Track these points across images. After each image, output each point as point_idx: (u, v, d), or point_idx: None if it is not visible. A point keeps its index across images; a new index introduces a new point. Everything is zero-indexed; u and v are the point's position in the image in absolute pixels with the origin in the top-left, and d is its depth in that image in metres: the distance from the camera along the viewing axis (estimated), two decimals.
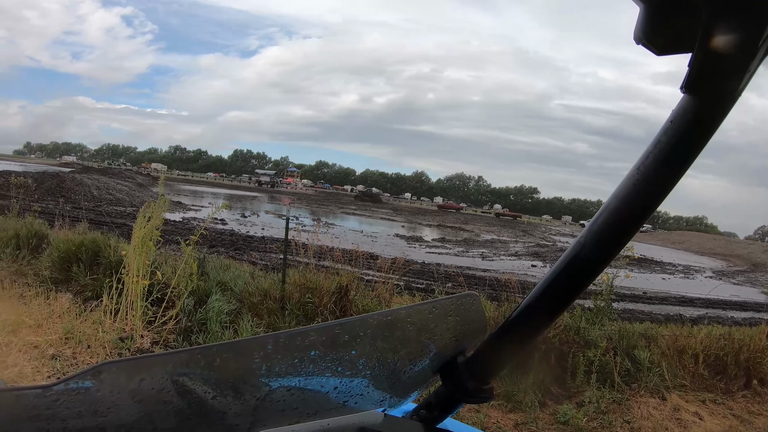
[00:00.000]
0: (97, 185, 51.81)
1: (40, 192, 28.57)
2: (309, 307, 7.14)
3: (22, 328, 6.11)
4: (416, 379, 1.12)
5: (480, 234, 54.85)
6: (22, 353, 5.53)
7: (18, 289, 7.60)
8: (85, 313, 6.80)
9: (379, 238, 32.87)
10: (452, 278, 14.75)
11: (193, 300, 7.00)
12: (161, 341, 6.38)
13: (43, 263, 8.59)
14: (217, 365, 0.84)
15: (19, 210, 12.16)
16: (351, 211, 72.74)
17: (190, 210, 39.62)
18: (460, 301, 1.10)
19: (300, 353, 0.92)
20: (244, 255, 17.32)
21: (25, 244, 9.43)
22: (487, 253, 34.11)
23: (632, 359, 6.64)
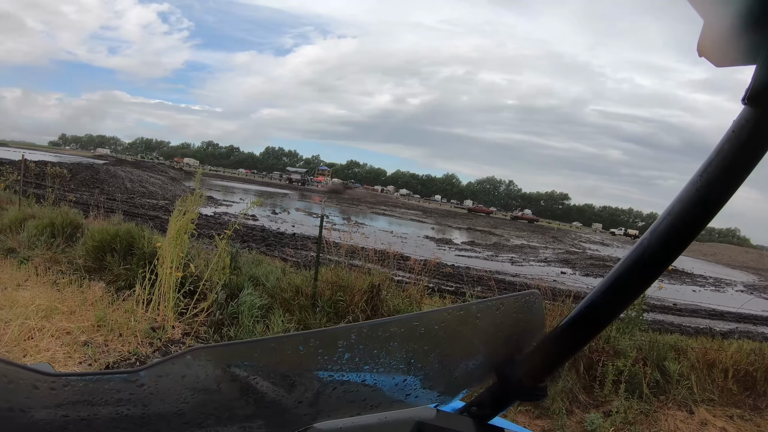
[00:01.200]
0: (131, 178, 52.76)
1: (75, 182, 29.18)
2: (340, 305, 7.16)
3: (56, 314, 6.25)
4: (471, 375, 1.14)
5: (509, 239, 54.63)
6: (55, 338, 5.65)
7: (52, 276, 7.77)
8: (117, 302, 6.93)
9: (409, 239, 32.83)
10: (482, 282, 14.67)
11: (226, 293, 7.06)
12: (192, 333, 6.46)
13: (77, 252, 8.77)
14: (302, 353, 0.88)
15: (55, 199, 12.43)
16: (381, 211, 72.91)
17: (222, 205, 40.05)
18: (524, 299, 1.11)
19: (379, 344, 0.96)
20: (275, 251, 17.45)
21: (60, 232, 9.64)
22: (516, 258, 33.92)
23: (661, 371, 6.54)
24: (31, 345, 5.42)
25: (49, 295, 6.89)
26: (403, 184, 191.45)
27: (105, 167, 60.46)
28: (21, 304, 6.39)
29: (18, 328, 5.67)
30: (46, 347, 5.40)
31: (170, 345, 6.09)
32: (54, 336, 5.68)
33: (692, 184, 0.82)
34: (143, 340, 6.05)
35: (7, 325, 5.78)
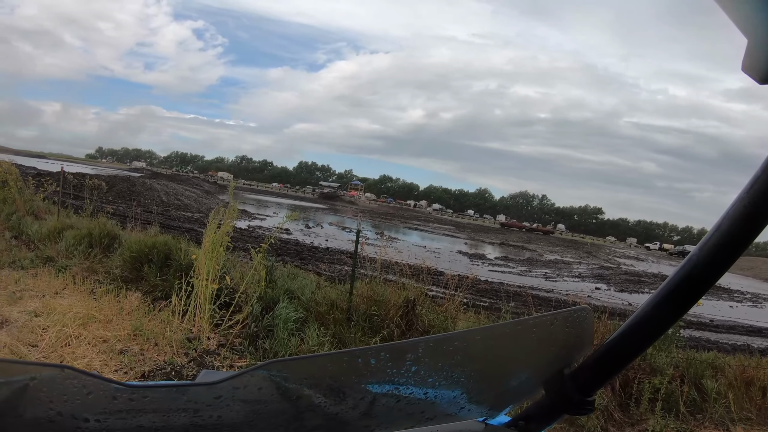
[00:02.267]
0: (166, 191, 53.67)
1: (112, 194, 29.77)
2: (375, 320, 7.17)
3: (92, 322, 6.37)
4: (519, 389, 1.15)
5: (543, 254, 54.12)
6: (92, 346, 5.76)
7: (89, 285, 7.96)
8: (153, 312, 7.05)
9: (442, 254, 32.77)
10: (516, 297, 14.56)
11: (261, 306, 7.12)
12: (228, 344, 6.51)
13: (114, 262, 8.97)
14: (373, 366, 0.91)
15: (93, 210, 12.71)
16: (414, 225, 72.99)
17: (256, 218, 40.53)
18: (575, 315, 1.12)
19: (442, 358, 0.97)
20: (308, 265, 17.55)
21: (98, 242, 9.89)
22: (550, 273, 33.72)
23: (698, 389, 6.43)
24: (68, 351, 5.54)
25: (86, 303, 7.04)
26: (436, 198, 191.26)
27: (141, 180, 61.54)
28: (59, 311, 6.56)
29: (56, 335, 5.82)
30: (83, 354, 5.51)
31: (205, 355, 6.15)
32: (91, 344, 5.80)
33: (740, 200, 0.82)
34: (179, 350, 6.13)
35: (45, 331, 5.94)
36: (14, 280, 7.92)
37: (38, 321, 6.24)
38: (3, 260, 9.16)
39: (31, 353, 5.38)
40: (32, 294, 7.38)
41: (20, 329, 5.99)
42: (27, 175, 18.11)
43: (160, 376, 5.40)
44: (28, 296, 7.27)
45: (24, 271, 8.63)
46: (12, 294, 7.25)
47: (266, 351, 6.35)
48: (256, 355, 6.28)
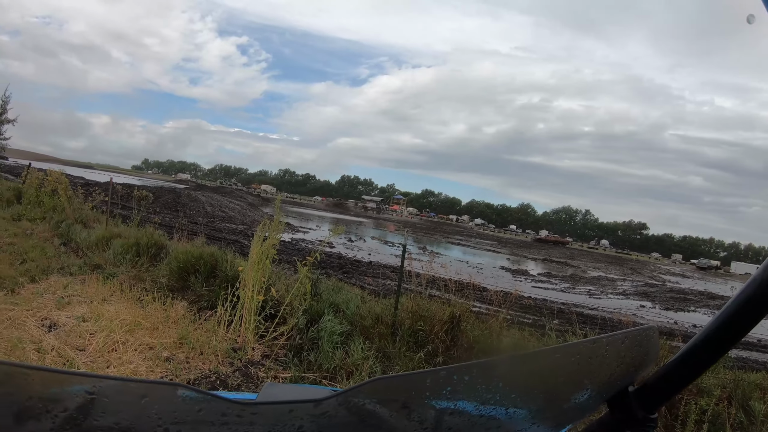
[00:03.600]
0: (211, 202, 54.71)
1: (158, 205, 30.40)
2: (420, 335, 7.13)
3: (139, 329, 6.50)
4: (584, 406, 1.16)
5: (586, 270, 53.26)
6: (138, 352, 5.87)
7: (136, 293, 8.13)
8: (199, 321, 7.17)
9: (485, 270, 32.63)
10: (559, 315, 14.35)
11: (306, 318, 7.16)
12: (272, 355, 6.55)
13: (161, 271, 9.15)
14: (467, 382, 0.93)
15: (140, 220, 13.00)
16: (456, 240, 72.76)
17: (299, 231, 40.93)
18: (644, 333, 1.14)
19: (525, 376, 1.00)
20: (352, 278, 17.61)
21: (145, 252, 10.12)
22: (594, 290, 33.16)
23: (746, 411, 6.18)
24: (115, 357, 5.66)
25: (133, 310, 7.19)
26: (478, 213, 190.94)
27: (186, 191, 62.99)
28: (106, 317, 6.71)
29: (103, 340, 5.96)
30: (129, 360, 5.62)
31: (250, 366, 6.21)
32: (137, 350, 5.91)
33: None
34: (224, 360, 6.20)
35: (93, 336, 6.09)
36: (63, 286, 8.15)
37: (86, 326, 6.40)
38: (52, 266, 9.44)
39: (78, 357, 5.52)
40: (80, 299, 7.57)
41: (68, 333, 6.16)
42: (76, 184, 18.65)
43: (205, 385, 5.48)
44: (76, 301, 7.46)
45: (72, 277, 8.88)
46: (61, 299, 7.45)
47: (311, 363, 6.37)
48: (300, 367, 6.30)
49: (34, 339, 5.82)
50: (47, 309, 6.93)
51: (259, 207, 70.67)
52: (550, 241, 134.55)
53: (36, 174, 19.28)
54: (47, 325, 6.39)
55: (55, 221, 14.10)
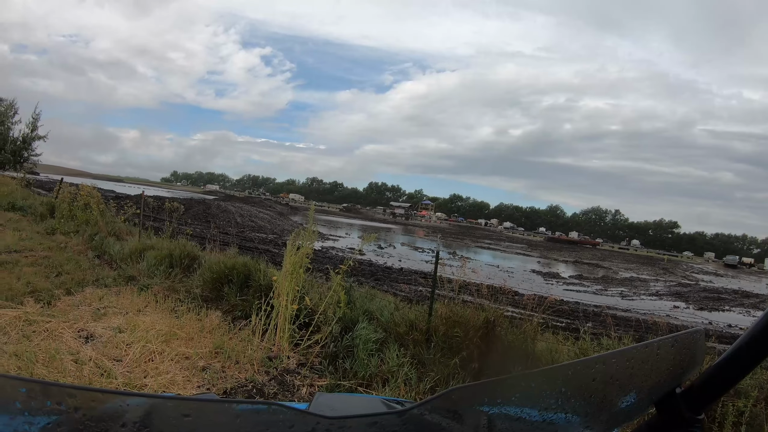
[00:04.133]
0: (241, 213, 55.23)
1: (189, 216, 30.77)
2: (454, 341, 7.07)
3: (174, 340, 6.57)
4: (633, 409, 1.18)
5: (618, 271, 52.68)
6: (174, 362, 5.92)
7: (171, 303, 8.22)
8: (233, 331, 7.21)
9: (516, 273, 32.52)
10: (592, 317, 14.18)
11: (340, 326, 7.16)
12: (308, 364, 6.56)
13: (194, 281, 9.24)
14: (533, 389, 0.98)
15: (172, 232, 13.15)
16: (486, 245, 72.47)
17: (328, 239, 41.10)
18: (690, 337, 1.18)
19: (585, 382, 1.03)
20: (383, 285, 17.61)
21: (178, 263, 10.24)
22: (626, 291, 32.83)
23: None
24: (152, 367, 5.71)
25: (168, 321, 7.27)
26: (507, 217, 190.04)
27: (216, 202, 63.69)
28: (141, 328, 6.79)
29: (139, 350, 6.02)
30: (166, 370, 5.66)
31: (286, 374, 6.22)
32: (173, 360, 5.96)
33: None
34: (259, 368, 6.22)
35: (129, 347, 6.16)
36: (98, 297, 8.28)
37: (122, 337, 6.48)
38: (87, 278, 9.59)
39: (115, 367, 5.58)
40: (115, 311, 7.68)
41: (105, 344, 6.24)
42: (107, 198, 18.99)
43: (242, 394, 5.50)
44: (111, 313, 7.57)
45: (107, 288, 9.01)
46: (96, 310, 7.57)
47: (346, 371, 6.37)
48: (336, 375, 6.30)
49: (71, 350, 5.91)
50: (83, 320, 7.05)
51: (288, 216, 71.21)
52: (563, 240, 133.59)
53: (68, 188, 19.63)
54: (84, 337, 6.49)
55: (89, 234, 14.33)
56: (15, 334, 6.23)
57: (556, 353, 6.59)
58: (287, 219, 64.02)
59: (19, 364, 5.32)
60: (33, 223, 17.36)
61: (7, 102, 51.48)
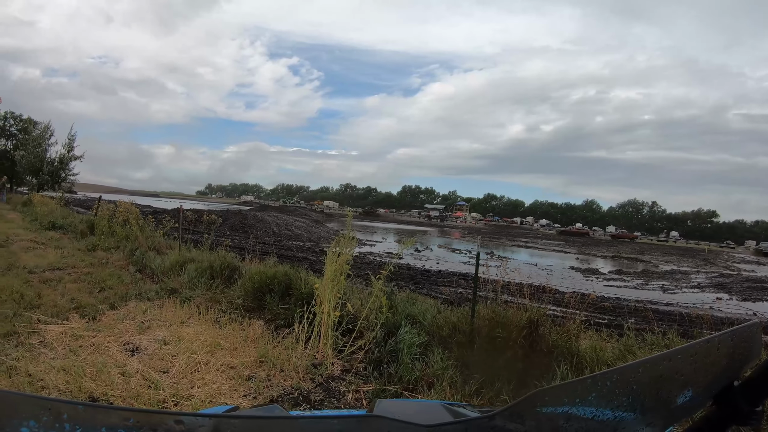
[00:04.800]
0: (277, 222, 55.64)
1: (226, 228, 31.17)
2: (498, 342, 7.01)
3: (219, 350, 6.64)
4: (692, 404, 1.18)
5: (658, 265, 51.79)
6: (220, 372, 5.98)
7: (213, 314, 8.33)
8: (277, 339, 7.26)
9: (554, 271, 32.28)
10: (635, 313, 13.96)
11: (383, 331, 7.16)
12: (352, 370, 6.57)
13: (236, 292, 9.35)
14: (607, 389, 1.00)
15: (211, 244, 13.33)
16: (523, 243, 72.06)
17: (365, 245, 41.25)
18: (748, 329, 1.19)
19: (657, 379, 1.06)
20: (423, 288, 17.59)
21: (219, 274, 10.37)
22: (667, 285, 32.07)
23: None
24: (198, 377, 5.78)
25: (211, 332, 7.36)
26: (543, 214, 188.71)
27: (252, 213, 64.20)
28: (186, 339, 6.90)
29: (185, 362, 6.11)
30: (212, 380, 5.72)
31: (331, 381, 6.23)
32: (219, 370, 6.03)
33: None
34: (304, 376, 6.24)
35: (175, 358, 6.25)
36: (142, 311, 8.41)
37: (167, 348, 6.58)
38: (130, 292, 9.77)
39: (162, 379, 5.66)
40: (159, 323, 7.80)
41: (151, 356, 6.35)
42: (144, 213, 19.32)
43: (288, 401, 5.53)
44: (155, 325, 7.69)
45: (150, 302, 9.16)
46: (141, 324, 7.69)
47: (391, 375, 6.35)
48: (380, 380, 6.29)
49: (118, 363, 6.02)
50: (128, 334, 7.18)
51: (323, 223, 71.59)
52: (576, 233, 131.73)
53: (106, 206, 20.04)
54: (130, 350, 6.60)
55: (129, 249, 14.63)
56: (62, 349, 6.38)
57: (601, 351, 6.48)
58: (323, 226, 64.32)
59: (68, 378, 5.44)
60: (74, 240, 17.79)
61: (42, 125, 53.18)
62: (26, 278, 10.35)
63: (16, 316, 7.58)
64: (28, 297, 8.64)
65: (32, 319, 7.43)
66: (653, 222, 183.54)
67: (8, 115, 57.54)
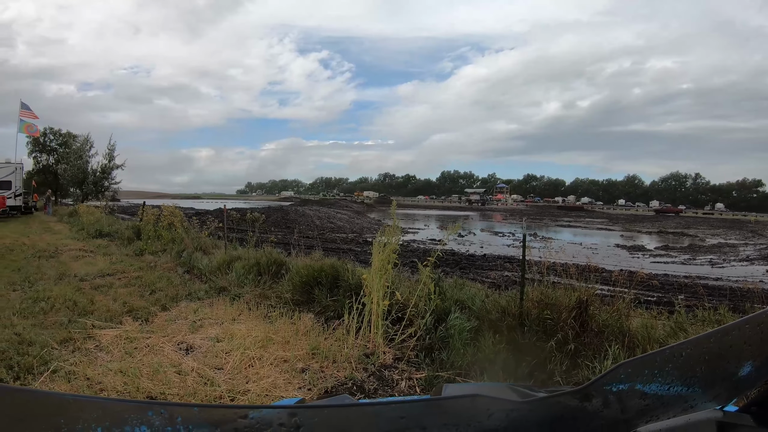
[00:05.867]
0: (318, 215, 56.10)
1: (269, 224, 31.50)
2: (548, 323, 6.95)
3: (271, 344, 6.75)
4: (752, 377, 1.16)
5: (704, 238, 50.61)
6: (274, 366, 6.08)
7: (263, 310, 8.45)
8: (327, 332, 7.33)
9: (599, 250, 31.86)
10: (683, 289, 13.69)
11: (433, 318, 7.15)
12: (404, 358, 6.59)
13: (284, 287, 9.49)
14: (682, 359, 1.02)
15: (256, 241, 13.49)
16: (566, 223, 71.11)
17: (408, 233, 41.16)
18: None
19: (721, 354, 1.06)
20: (469, 273, 17.53)
21: (266, 270, 10.51)
22: (715, 259, 31.38)
23: None
24: (252, 372, 5.88)
25: (262, 327, 7.47)
26: (584, 192, 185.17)
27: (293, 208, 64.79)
28: (238, 336, 7.02)
29: (239, 358, 6.22)
30: (267, 374, 5.81)
31: (383, 369, 6.27)
32: (273, 364, 6.12)
33: None
34: (357, 366, 6.29)
35: (228, 354, 6.37)
36: (193, 311, 8.60)
37: (220, 346, 6.70)
38: (180, 293, 9.98)
39: (217, 375, 5.77)
40: (211, 322, 7.95)
41: (205, 354, 6.48)
42: (188, 215, 19.68)
43: (343, 391, 5.56)
44: (207, 324, 7.84)
45: (200, 301, 9.35)
46: (193, 323, 7.86)
47: (443, 362, 6.35)
48: (432, 367, 6.29)
49: (173, 362, 6.16)
50: (182, 333, 7.34)
51: (365, 214, 71.81)
52: (670, 211, 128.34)
53: (150, 211, 20.42)
54: (184, 349, 6.76)
55: (176, 251, 14.91)
56: (118, 352, 6.55)
57: (652, 329, 6.38)
58: (364, 217, 64.58)
59: (125, 379, 5.58)
60: (121, 246, 18.18)
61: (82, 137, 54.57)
62: (78, 286, 10.65)
63: (71, 322, 7.81)
64: (81, 304, 8.89)
65: (87, 325, 7.66)
66: (697, 194, 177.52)
67: (48, 131, 59.15)
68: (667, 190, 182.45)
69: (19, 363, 6.02)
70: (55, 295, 9.32)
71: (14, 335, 7.05)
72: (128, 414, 0.74)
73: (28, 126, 48.25)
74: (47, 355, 6.34)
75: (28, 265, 13.52)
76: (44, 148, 59.83)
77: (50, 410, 0.73)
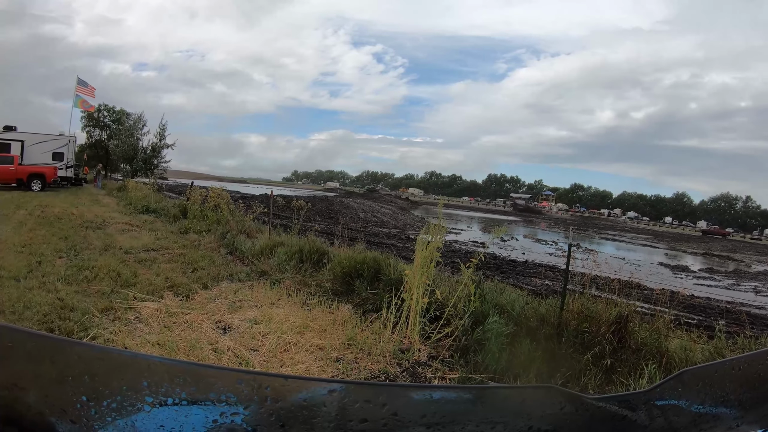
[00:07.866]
0: (363, 208, 56.34)
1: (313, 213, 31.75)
2: (586, 336, 6.87)
3: (307, 331, 6.82)
4: None
5: (751, 264, 48.93)
6: (309, 353, 6.15)
7: (302, 297, 8.57)
8: (364, 323, 7.38)
9: (643, 266, 31.10)
10: (725, 314, 13.33)
11: (471, 320, 7.12)
12: (438, 357, 6.58)
13: (324, 276, 9.58)
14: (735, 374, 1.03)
15: (300, 229, 13.60)
16: (610, 236, 70.06)
17: (450, 233, 40.93)
18: None
19: None
20: (509, 278, 17.41)
21: (308, 258, 10.61)
22: (760, 287, 30.11)
23: None
24: (287, 357, 5.96)
25: (300, 314, 7.56)
26: (630, 206, 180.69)
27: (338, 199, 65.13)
28: (276, 320, 7.12)
29: (275, 341, 6.32)
30: (301, 360, 5.88)
31: (417, 366, 6.29)
32: (308, 351, 6.19)
33: None
34: (391, 360, 6.33)
35: (265, 337, 6.48)
36: (233, 291, 8.75)
37: (258, 328, 6.82)
38: (221, 274, 10.16)
39: (253, 357, 5.88)
40: (250, 304, 8.08)
41: (242, 335, 6.60)
42: (234, 198, 19.92)
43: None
44: (246, 306, 7.97)
45: (241, 283, 9.51)
46: (232, 304, 8.01)
47: (477, 364, 6.34)
48: (466, 369, 6.28)
49: (210, 340, 6.29)
50: (220, 313, 7.47)
51: (409, 210, 71.79)
52: (717, 232, 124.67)
53: (198, 191, 20.74)
54: (221, 328, 6.89)
55: (220, 233, 15.12)
56: (157, 325, 6.73)
57: (690, 352, 6.26)
58: (408, 213, 64.55)
59: (162, 352, 5.73)
60: (167, 224, 18.53)
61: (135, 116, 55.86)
62: (122, 258, 10.94)
63: (113, 293, 8.03)
64: (125, 275, 9.11)
65: (128, 296, 7.86)
66: (746, 218, 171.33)
67: (102, 107, 60.86)
68: (716, 210, 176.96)
69: (60, 327, 6.23)
70: (99, 265, 9.58)
71: (57, 300, 7.29)
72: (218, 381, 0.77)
73: (83, 101, 49.56)
74: (88, 321, 6.56)
75: (75, 234, 13.93)
76: (98, 123, 61.75)
77: (127, 370, 0.76)
